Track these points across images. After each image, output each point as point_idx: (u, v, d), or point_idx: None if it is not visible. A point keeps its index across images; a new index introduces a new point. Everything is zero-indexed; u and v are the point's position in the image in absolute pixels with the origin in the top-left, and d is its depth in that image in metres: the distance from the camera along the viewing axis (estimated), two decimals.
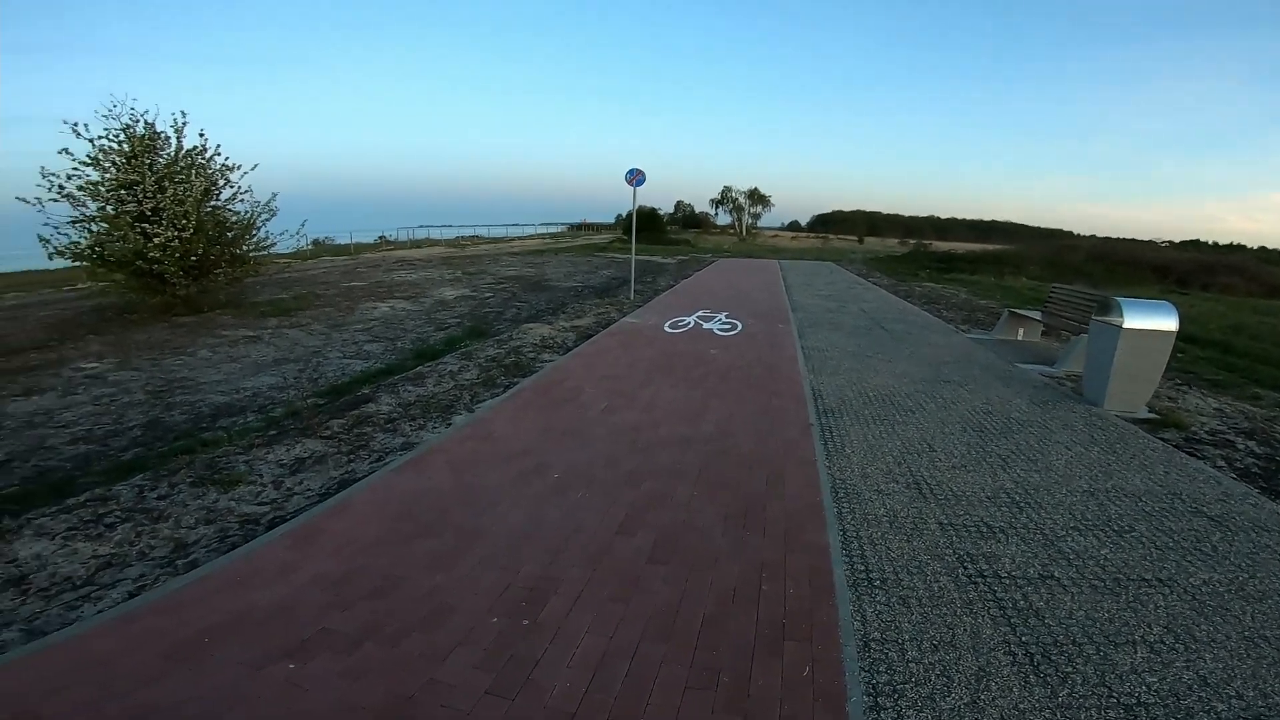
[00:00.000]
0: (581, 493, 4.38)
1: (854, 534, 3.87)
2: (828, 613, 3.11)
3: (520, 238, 47.16)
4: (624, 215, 52.29)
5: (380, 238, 34.68)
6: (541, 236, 50.19)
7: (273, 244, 13.57)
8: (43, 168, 10.72)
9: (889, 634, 2.97)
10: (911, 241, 45.22)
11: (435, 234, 41.99)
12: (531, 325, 10.35)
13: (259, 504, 4.20)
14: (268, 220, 13.09)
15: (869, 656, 2.82)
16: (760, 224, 65.67)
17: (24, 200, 10.63)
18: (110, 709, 2.42)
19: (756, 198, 63.60)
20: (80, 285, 14.77)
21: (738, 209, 63.64)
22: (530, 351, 8.46)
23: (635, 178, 13.93)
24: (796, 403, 6.59)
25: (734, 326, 10.87)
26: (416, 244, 35.03)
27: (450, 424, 5.77)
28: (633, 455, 5.06)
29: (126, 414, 6.34)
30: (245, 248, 12.82)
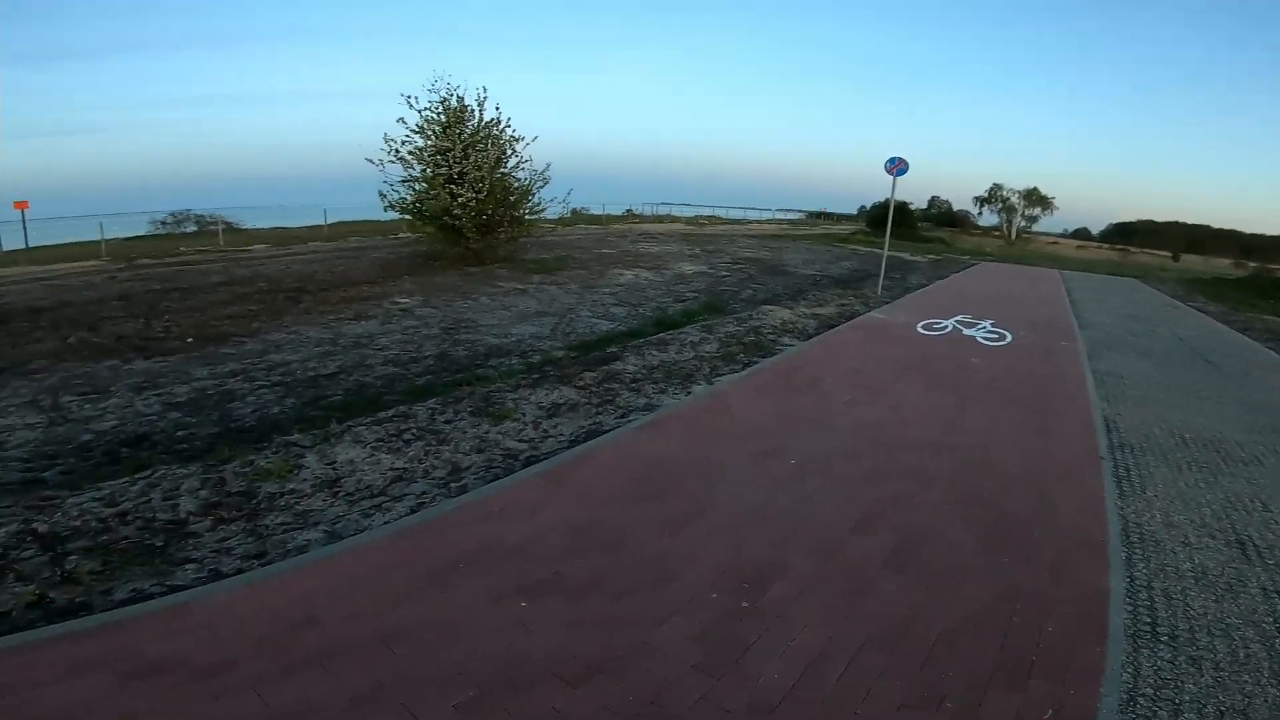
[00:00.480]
0: (818, 482, 4.21)
1: (1144, 582, 3.44)
2: (1091, 657, 2.74)
3: (756, 221, 46.75)
4: (868, 207, 48.90)
5: (628, 211, 36.83)
6: (779, 222, 49.17)
7: (544, 209, 15.10)
8: (385, 134, 13.13)
9: (1165, 692, 2.60)
10: (1252, 264, 35.34)
11: (676, 211, 43.49)
12: (770, 308, 10.11)
13: (520, 440, 4.63)
14: (541, 188, 14.60)
15: (1133, 712, 2.48)
16: (1035, 228, 56.40)
17: (371, 161, 13.17)
18: (370, 623, 2.71)
19: (1035, 199, 54.61)
20: (402, 234, 18.01)
21: (1008, 209, 55.30)
22: (770, 333, 8.26)
23: (896, 166, 12.73)
24: (1082, 430, 5.70)
25: (1001, 336, 9.49)
26: (659, 219, 36.62)
27: (689, 393, 5.87)
28: (875, 452, 4.76)
29: (424, 345, 7.50)
30: (523, 211, 14.45)
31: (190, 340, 7.23)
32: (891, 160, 12.77)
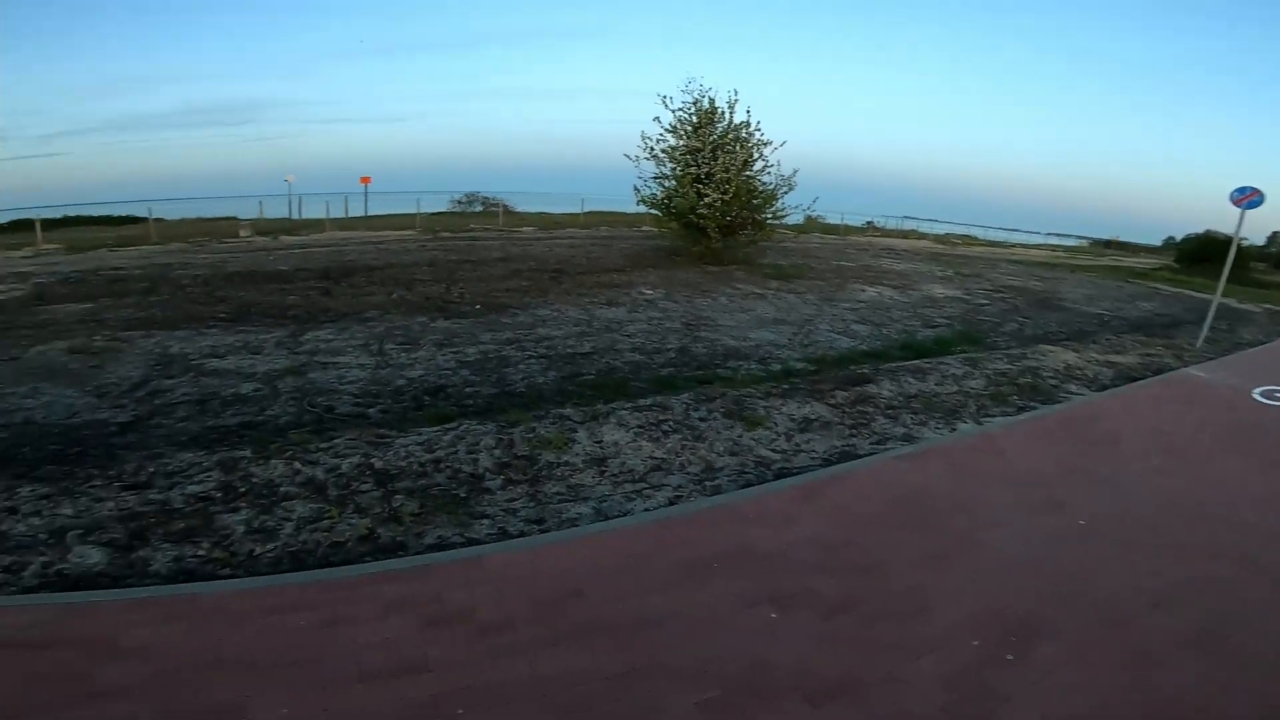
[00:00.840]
0: (1109, 548, 3.64)
1: None
2: None
3: (1021, 245, 41.05)
4: (1178, 238, 40.09)
5: (868, 223, 34.69)
6: (1051, 248, 42.65)
7: (787, 215, 14.81)
8: (643, 132, 13.89)
9: None
10: None
11: (922, 227, 39.99)
12: (1050, 348, 8.70)
13: (772, 450, 4.51)
14: (786, 194, 14.30)
15: None
16: None
17: (628, 157, 14.06)
18: (628, 606, 2.79)
19: None
20: (645, 227, 19.04)
21: None
22: (1051, 377, 7.09)
23: (1247, 198, 10.04)
24: None
25: None
26: (904, 234, 33.95)
27: (954, 429, 5.29)
28: (1189, 529, 3.97)
29: (667, 337, 7.75)
30: (766, 215, 14.32)
31: (478, 307, 8.35)
32: (1241, 190, 10.16)
